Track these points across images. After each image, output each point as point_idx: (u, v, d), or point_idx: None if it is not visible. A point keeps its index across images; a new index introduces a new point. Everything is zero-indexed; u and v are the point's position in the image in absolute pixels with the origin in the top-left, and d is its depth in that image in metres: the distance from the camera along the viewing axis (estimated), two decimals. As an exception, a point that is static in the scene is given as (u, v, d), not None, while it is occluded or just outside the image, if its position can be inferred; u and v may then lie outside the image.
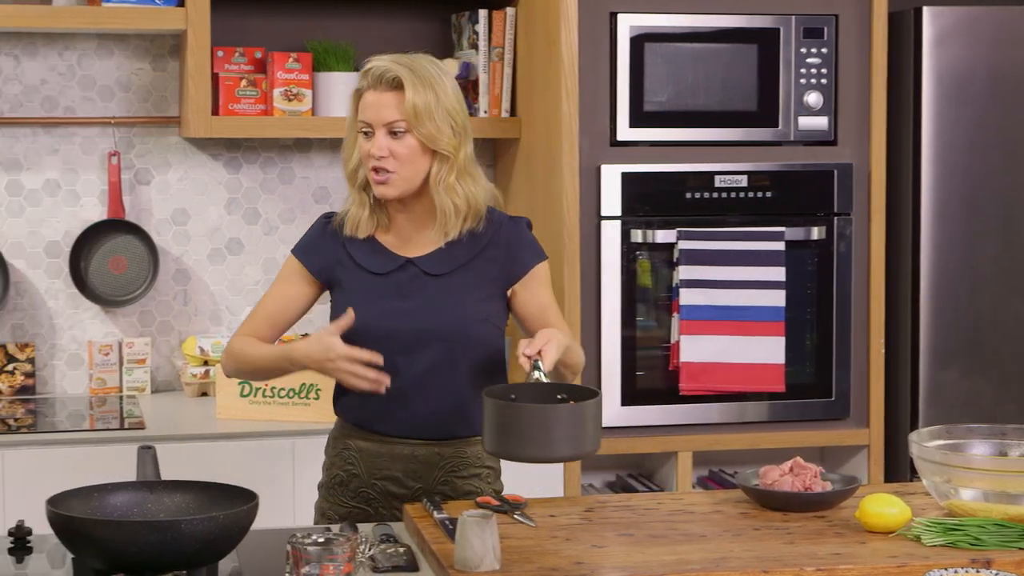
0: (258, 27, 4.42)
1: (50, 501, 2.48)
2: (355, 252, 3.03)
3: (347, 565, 2.44)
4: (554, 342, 2.83)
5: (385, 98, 2.92)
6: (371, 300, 2.99)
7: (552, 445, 2.69)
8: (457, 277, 3.00)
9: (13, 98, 4.33)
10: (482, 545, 2.52)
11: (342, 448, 3.09)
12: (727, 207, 4.12)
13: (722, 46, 4.10)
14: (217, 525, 2.42)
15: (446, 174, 2.96)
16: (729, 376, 4.07)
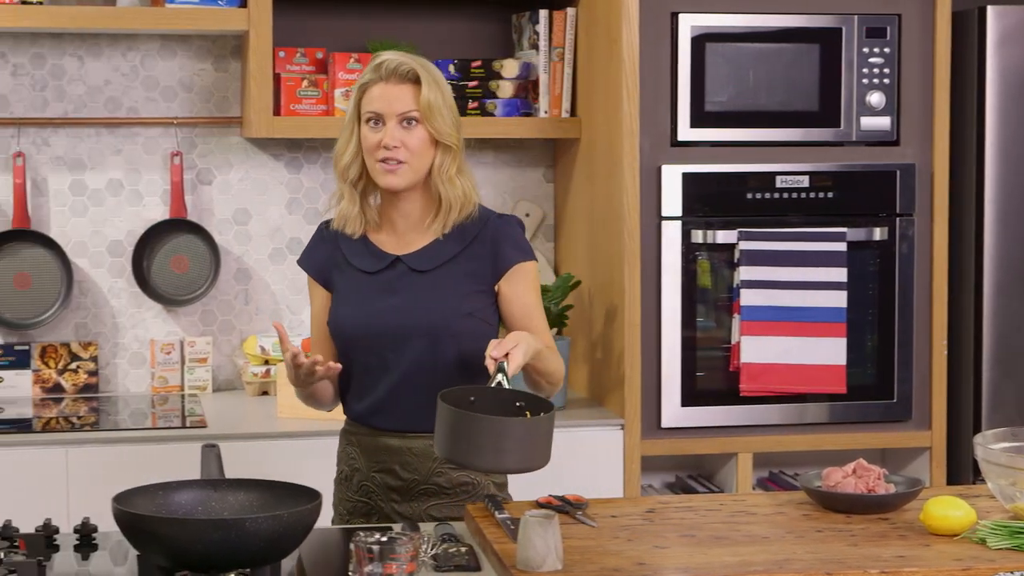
0: (319, 28, 4.43)
1: (116, 499, 2.50)
2: (348, 252, 3.09)
3: (410, 564, 2.44)
4: (522, 346, 2.84)
5: (399, 90, 2.98)
6: (361, 299, 3.05)
7: (502, 456, 2.69)
8: (443, 272, 3.05)
9: (77, 99, 4.37)
10: (544, 545, 2.52)
11: (346, 444, 3.17)
12: (788, 208, 4.10)
13: (784, 46, 4.08)
14: (281, 524, 2.43)
15: (449, 165, 3.02)
16: (790, 377, 4.05)
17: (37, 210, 4.36)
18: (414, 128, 2.98)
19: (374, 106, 2.99)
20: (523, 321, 3.06)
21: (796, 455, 4.38)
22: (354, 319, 3.04)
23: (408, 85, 2.99)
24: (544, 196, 4.64)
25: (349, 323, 3.04)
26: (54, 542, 2.76)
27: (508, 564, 2.55)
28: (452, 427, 2.69)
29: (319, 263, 3.13)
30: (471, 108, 4.33)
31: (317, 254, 3.14)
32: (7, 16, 4.01)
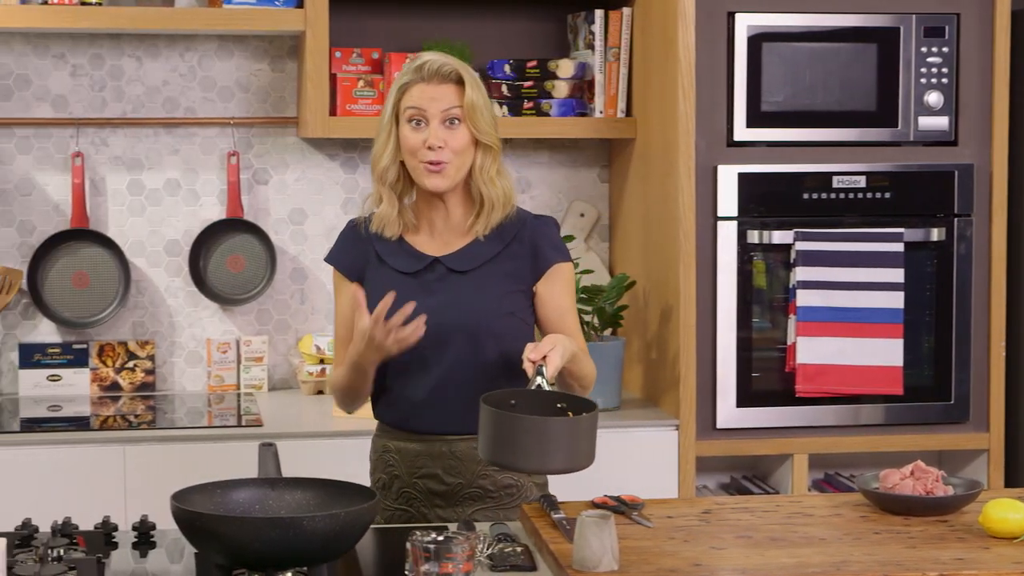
0: (375, 28, 4.45)
1: (175, 497, 2.52)
2: (384, 252, 3.06)
3: (466, 564, 2.45)
4: (559, 348, 2.83)
5: (442, 89, 2.97)
6: (398, 299, 2.97)
7: (547, 457, 2.67)
8: (482, 272, 3.03)
9: (135, 99, 4.40)
10: (600, 545, 2.52)
11: (382, 451, 3.13)
12: (845, 208, 4.08)
13: (841, 45, 4.06)
14: (339, 523, 2.43)
15: (490, 166, 3.02)
16: (846, 378, 4.03)
17: (95, 210, 4.40)
18: (457, 128, 2.97)
19: (418, 104, 2.98)
20: (557, 323, 3.05)
21: (850, 456, 4.35)
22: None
23: (451, 85, 2.98)
24: (599, 196, 4.64)
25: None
26: (113, 539, 2.79)
27: (564, 564, 2.54)
28: (495, 429, 2.68)
29: (351, 261, 3.10)
30: (526, 108, 4.33)
31: (349, 252, 3.11)
32: (67, 17, 4.04)
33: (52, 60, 4.35)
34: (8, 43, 4.32)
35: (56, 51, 4.35)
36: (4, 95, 4.33)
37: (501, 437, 2.67)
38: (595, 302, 4.12)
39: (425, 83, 2.97)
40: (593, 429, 2.72)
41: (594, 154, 4.63)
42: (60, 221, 4.38)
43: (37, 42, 4.33)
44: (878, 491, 2.89)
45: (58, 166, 4.37)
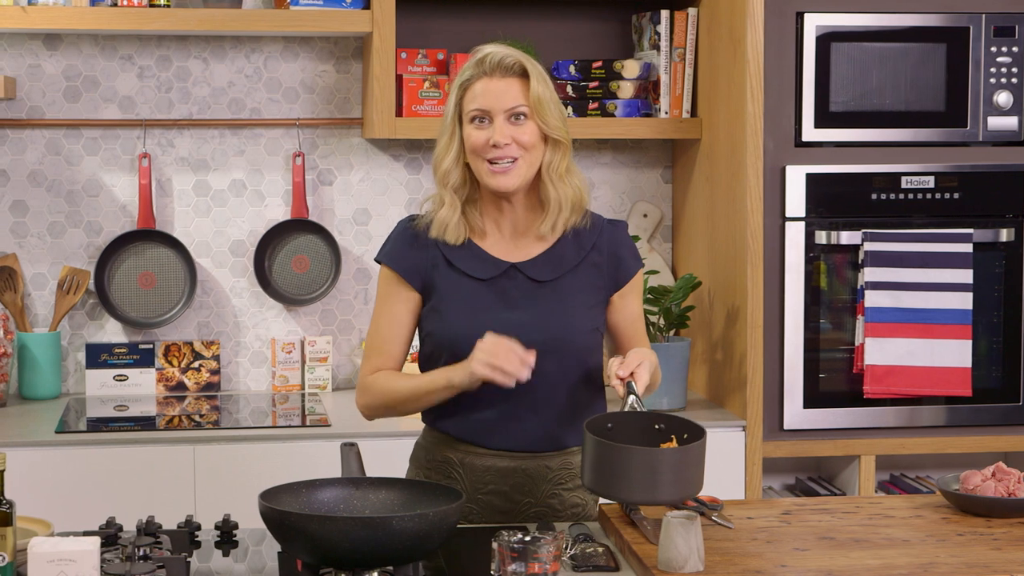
0: (440, 28, 4.46)
1: (263, 496, 2.53)
2: (453, 256, 2.92)
3: (553, 564, 2.45)
4: (646, 364, 2.77)
5: (506, 84, 2.85)
6: (476, 309, 2.89)
7: (657, 488, 2.61)
8: (564, 284, 2.92)
9: (201, 100, 4.42)
10: (687, 546, 2.52)
11: (442, 462, 2.98)
12: (914, 208, 4.07)
13: (910, 45, 4.04)
14: (427, 522, 2.44)
15: (559, 162, 2.88)
16: (914, 379, 4.02)
17: (162, 210, 4.42)
18: (524, 123, 2.84)
19: (479, 103, 2.85)
20: (631, 329, 2.97)
21: (915, 458, 4.34)
22: (473, 330, 2.83)
23: (514, 79, 2.85)
24: (662, 197, 4.63)
25: (466, 334, 2.84)
26: (196, 538, 2.80)
27: (649, 565, 2.54)
28: (602, 460, 2.61)
29: (413, 263, 2.93)
30: (591, 109, 4.33)
31: (409, 253, 2.94)
32: (136, 19, 4.06)
33: (120, 62, 4.37)
34: (76, 45, 4.35)
35: (124, 53, 4.37)
36: (72, 97, 4.36)
37: (609, 468, 2.61)
38: (661, 303, 4.12)
39: (488, 78, 2.85)
40: (702, 456, 2.67)
41: (657, 155, 4.63)
42: (127, 222, 4.40)
43: (105, 44, 4.36)
44: (959, 492, 2.88)
45: (125, 167, 4.39)
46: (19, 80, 4.33)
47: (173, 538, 2.73)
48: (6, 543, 2.29)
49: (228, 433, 3.93)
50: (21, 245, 4.37)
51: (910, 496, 3.05)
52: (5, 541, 2.29)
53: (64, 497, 3.74)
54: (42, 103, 4.35)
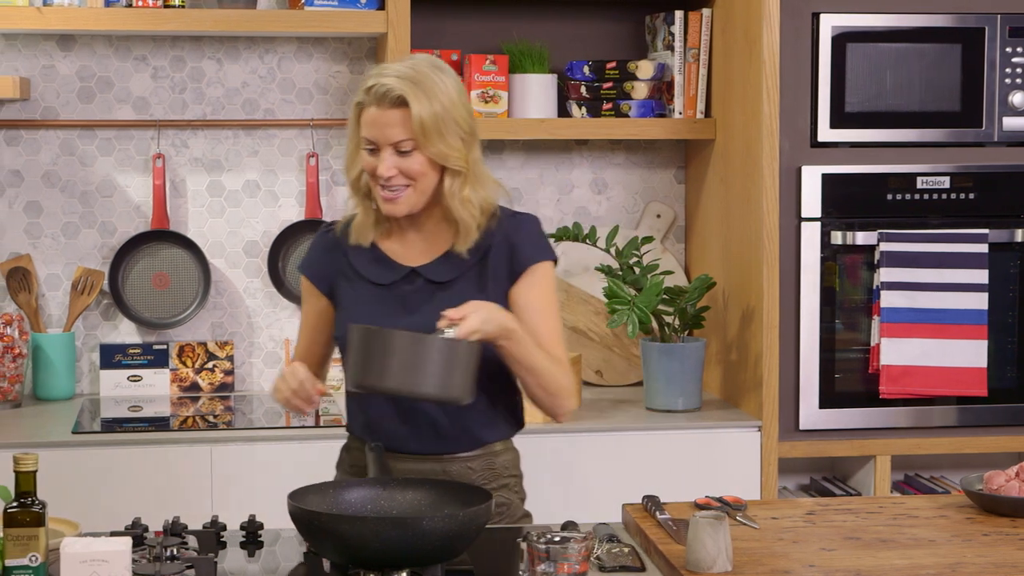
0: (454, 29, 4.46)
1: (292, 496, 2.53)
2: (356, 261, 2.96)
3: (583, 564, 2.45)
4: (482, 313, 2.71)
5: (389, 116, 2.80)
6: (375, 315, 2.89)
7: (416, 377, 2.58)
8: (461, 284, 2.90)
9: (215, 100, 4.42)
10: (715, 546, 2.52)
11: (363, 467, 2.96)
12: (929, 209, 4.07)
13: (925, 46, 4.05)
14: (457, 523, 2.44)
15: (459, 187, 2.86)
16: (930, 379, 4.02)
17: (175, 211, 4.42)
18: (411, 155, 2.81)
19: (367, 132, 2.83)
20: (530, 325, 2.87)
21: (929, 458, 4.34)
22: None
23: (399, 110, 2.80)
24: (675, 197, 4.63)
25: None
26: (221, 538, 2.80)
27: (677, 565, 2.55)
28: (365, 347, 2.59)
29: (322, 270, 2.99)
30: (605, 109, 4.33)
31: (321, 259, 3.01)
32: (151, 20, 4.06)
33: (133, 62, 4.37)
34: (90, 46, 4.35)
35: (138, 53, 4.37)
36: (86, 97, 4.35)
37: (370, 355, 2.58)
38: (677, 303, 4.12)
39: (375, 107, 2.81)
40: (469, 360, 2.64)
41: (670, 155, 4.63)
42: (141, 222, 4.40)
43: (119, 44, 4.36)
44: (983, 493, 2.88)
45: (139, 168, 4.39)
46: (33, 81, 4.33)
47: (200, 538, 2.73)
48: (38, 543, 2.29)
49: (243, 433, 3.93)
50: (35, 246, 4.37)
51: (933, 496, 3.05)
52: (37, 541, 2.29)
53: (82, 497, 3.73)
54: (56, 104, 4.35)
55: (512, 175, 4.55)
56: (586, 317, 4.51)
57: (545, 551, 2.44)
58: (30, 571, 2.29)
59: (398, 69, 2.82)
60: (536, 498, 3.84)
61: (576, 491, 3.92)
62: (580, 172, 4.59)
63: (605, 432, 3.99)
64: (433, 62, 2.87)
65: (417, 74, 2.81)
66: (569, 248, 4.49)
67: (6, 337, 4.16)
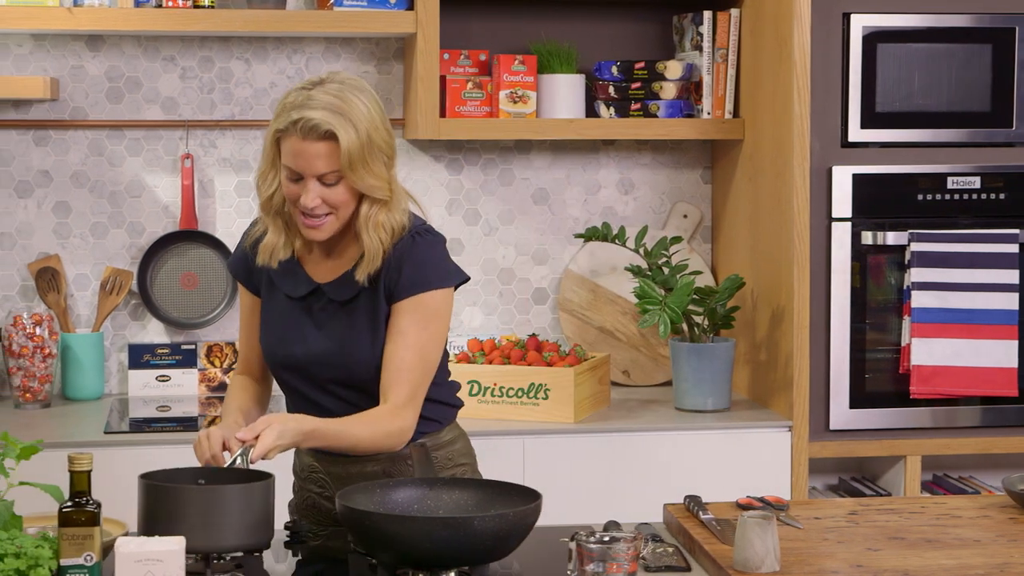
0: (482, 30, 4.46)
1: (341, 496, 2.53)
2: (276, 274, 2.93)
3: (632, 564, 2.45)
4: (275, 428, 2.65)
5: (316, 148, 2.74)
6: (286, 326, 2.91)
7: (218, 532, 2.47)
8: (360, 303, 2.87)
9: (243, 101, 4.42)
10: (763, 546, 2.52)
11: (311, 470, 3.01)
12: (960, 209, 4.08)
13: (955, 46, 4.05)
14: (507, 522, 2.44)
15: (376, 212, 2.82)
16: (961, 380, 4.02)
17: (204, 211, 4.42)
18: (335, 186, 2.77)
19: (291, 163, 2.76)
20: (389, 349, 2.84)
21: (957, 458, 4.34)
22: (280, 349, 2.91)
23: (326, 143, 2.74)
24: (701, 197, 4.64)
25: (273, 352, 2.94)
26: (265, 538, 2.79)
27: (724, 565, 2.55)
28: (153, 506, 2.47)
29: (247, 271, 2.99)
30: (633, 109, 4.33)
31: (245, 263, 2.98)
32: (181, 20, 4.06)
33: (162, 63, 4.37)
34: (119, 46, 4.35)
35: (166, 54, 4.37)
36: (115, 97, 4.36)
37: (162, 516, 2.45)
38: (707, 303, 4.12)
39: (300, 139, 2.74)
40: (269, 498, 2.55)
41: (697, 155, 4.63)
42: (169, 222, 4.40)
43: (147, 45, 4.36)
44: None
45: (167, 168, 4.40)
46: (62, 81, 4.33)
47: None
48: (93, 543, 2.29)
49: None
50: (64, 246, 4.37)
51: (974, 496, 3.05)
52: (92, 541, 2.29)
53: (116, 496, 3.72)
54: (85, 104, 4.35)
55: (539, 175, 4.55)
56: (613, 317, 4.52)
57: (595, 551, 2.44)
58: (85, 570, 2.30)
59: (324, 100, 2.74)
60: (565, 498, 3.86)
61: (606, 491, 3.92)
62: (607, 172, 4.59)
63: (635, 432, 3.99)
64: (354, 83, 2.80)
65: (343, 103, 2.74)
66: (596, 248, 4.50)
67: (36, 337, 4.17)
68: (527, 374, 4.00)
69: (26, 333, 4.16)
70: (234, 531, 2.47)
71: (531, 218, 4.57)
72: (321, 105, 2.73)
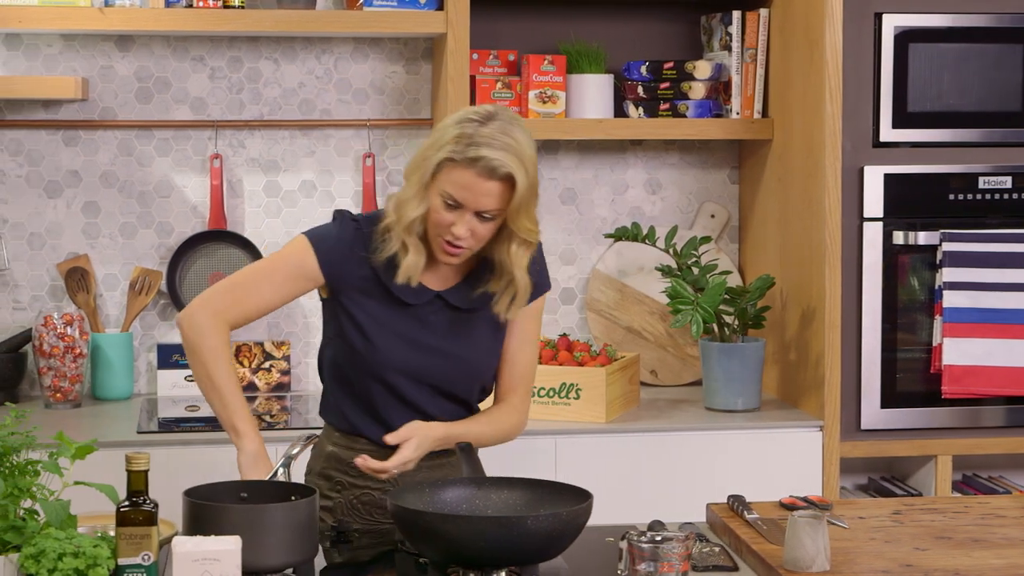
0: (510, 29, 4.46)
1: (392, 495, 2.54)
2: (385, 276, 2.90)
3: (684, 564, 2.45)
4: (413, 443, 2.78)
5: (489, 186, 2.75)
6: (399, 333, 2.91)
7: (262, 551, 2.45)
8: (481, 311, 2.93)
9: (272, 101, 4.42)
10: (814, 545, 2.52)
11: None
12: (991, 209, 4.08)
13: (987, 45, 4.05)
14: (560, 522, 2.45)
15: (524, 252, 2.87)
16: (992, 379, 4.02)
17: (232, 211, 4.42)
18: (489, 222, 2.80)
19: (456, 193, 2.76)
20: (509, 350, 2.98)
21: (985, 458, 4.34)
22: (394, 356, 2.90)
23: (500, 183, 2.75)
24: (728, 197, 4.64)
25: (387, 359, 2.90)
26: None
27: (774, 564, 2.55)
28: (198, 521, 2.47)
29: (342, 269, 2.91)
30: (662, 109, 4.33)
31: (344, 257, 2.91)
32: (212, 20, 4.06)
33: (191, 63, 4.38)
34: (148, 46, 4.35)
35: (195, 54, 4.37)
36: (144, 98, 4.36)
37: (206, 531, 2.44)
38: (737, 303, 4.13)
39: (475, 174, 2.74)
40: (313, 514, 2.54)
41: (724, 155, 4.63)
42: (198, 223, 4.40)
43: (176, 45, 4.36)
44: (1070, 492, 2.89)
45: (196, 168, 4.40)
46: (91, 81, 4.33)
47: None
48: (151, 542, 2.29)
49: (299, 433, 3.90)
50: (93, 246, 4.37)
51: (1015, 496, 3.06)
52: (150, 540, 2.29)
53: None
54: (114, 104, 4.35)
55: (567, 175, 4.56)
56: (640, 317, 4.52)
57: (647, 551, 2.44)
58: (142, 570, 2.30)
59: (502, 140, 2.74)
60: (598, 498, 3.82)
61: (639, 491, 3.92)
62: (634, 172, 4.59)
63: (667, 432, 3.99)
64: (518, 121, 2.82)
65: (517, 145, 2.76)
66: (624, 248, 4.50)
67: (67, 337, 4.17)
68: (558, 374, 4.01)
69: (57, 333, 4.16)
70: (279, 548, 2.46)
71: (559, 218, 4.57)
72: (500, 145, 2.74)
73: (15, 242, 4.34)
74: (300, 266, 2.91)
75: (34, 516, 2.38)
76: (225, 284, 2.92)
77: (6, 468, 2.36)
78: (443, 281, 2.95)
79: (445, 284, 2.94)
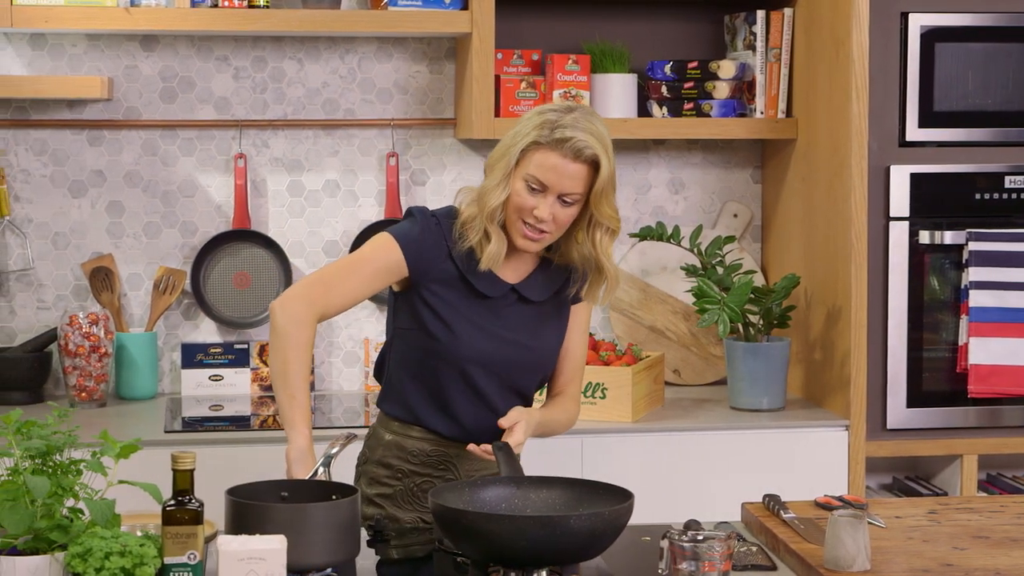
0: (534, 29, 4.46)
1: (433, 494, 2.54)
2: (468, 271, 2.96)
3: (726, 563, 2.45)
4: (523, 425, 2.89)
5: (575, 169, 2.84)
6: (478, 322, 2.97)
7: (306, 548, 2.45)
8: (549, 304, 3.04)
9: (296, 101, 4.42)
10: (854, 545, 2.52)
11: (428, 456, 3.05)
12: (1017, 208, 4.08)
13: (1014, 45, 4.05)
14: (603, 521, 2.45)
15: (608, 242, 2.96)
16: (1019, 379, 4.02)
17: (256, 210, 4.42)
18: (571, 206, 2.88)
19: (541, 175, 2.85)
20: (570, 343, 3.10)
21: (1008, 457, 4.34)
22: (473, 346, 2.96)
23: (583, 166, 2.85)
24: (751, 196, 4.64)
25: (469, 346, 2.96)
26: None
27: (814, 564, 2.55)
28: (240, 522, 2.46)
29: (426, 264, 2.97)
30: (686, 109, 4.34)
31: (428, 253, 2.97)
32: (237, 20, 4.06)
33: (215, 63, 4.38)
34: (173, 46, 4.35)
35: (219, 54, 4.38)
36: (168, 97, 4.36)
37: (248, 531, 2.43)
38: (763, 303, 4.13)
39: (560, 156, 2.84)
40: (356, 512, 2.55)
41: (747, 155, 4.63)
42: (222, 222, 4.41)
43: (201, 45, 4.37)
44: (1106, 491, 2.89)
45: (220, 168, 4.40)
46: (116, 81, 4.33)
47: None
48: (196, 541, 2.29)
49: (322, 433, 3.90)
50: (117, 245, 4.37)
51: (1051, 495, 3.06)
52: (196, 539, 2.29)
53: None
54: (139, 104, 4.35)
55: (590, 175, 4.55)
56: (664, 316, 4.52)
57: (689, 550, 2.44)
58: (188, 569, 2.30)
59: (586, 126, 2.85)
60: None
61: (667, 490, 3.92)
62: (657, 172, 4.60)
63: (693, 431, 3.99)
64: (597, 114, 2.93)
65: (601, 132, 2.87)
66: (647, 247, 4.50)
67: (92, 336, 4.17)
68: (585, 373, 3.99)
69: (82, 332, 4.17)
70: (322, 547, 2.46)
71: (582, 218, 4.56)
72: (585, 130, 2.85)
73: (40, 242, 4.34)
74: (386, 261, 2.97)
75: (79, 515, 2.38)
76: (315, 276, 3.00)
77: (49, 467, 2.36)
78: (516, 275, 3.01)
79: (518, 278, 3.01)
